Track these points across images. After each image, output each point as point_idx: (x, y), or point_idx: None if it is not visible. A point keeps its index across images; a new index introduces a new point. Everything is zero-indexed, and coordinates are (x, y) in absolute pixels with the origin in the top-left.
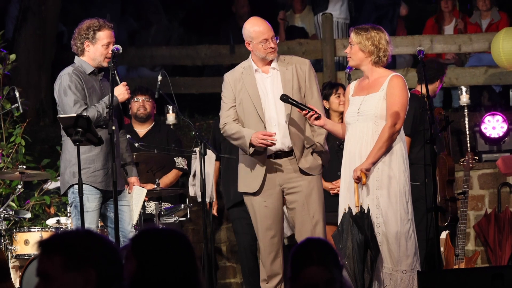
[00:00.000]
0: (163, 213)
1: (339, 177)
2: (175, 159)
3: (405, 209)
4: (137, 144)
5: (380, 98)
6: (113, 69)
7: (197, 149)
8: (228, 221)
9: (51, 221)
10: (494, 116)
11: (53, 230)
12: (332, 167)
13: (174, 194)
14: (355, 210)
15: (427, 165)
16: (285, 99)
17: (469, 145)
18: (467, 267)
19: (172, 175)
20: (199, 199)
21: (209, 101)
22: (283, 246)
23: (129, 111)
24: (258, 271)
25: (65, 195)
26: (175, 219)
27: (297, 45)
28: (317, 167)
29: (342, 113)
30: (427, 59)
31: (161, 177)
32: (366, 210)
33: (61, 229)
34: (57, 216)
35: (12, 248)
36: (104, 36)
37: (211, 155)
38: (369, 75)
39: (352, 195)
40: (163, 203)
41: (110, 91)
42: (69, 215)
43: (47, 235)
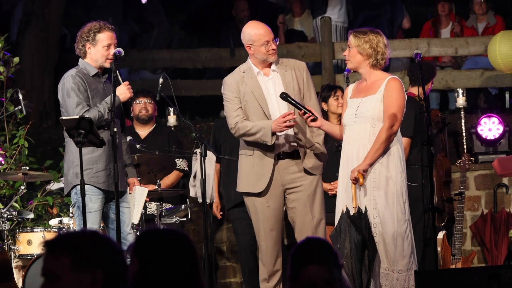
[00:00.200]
0: (164, 214)
1: (338, 178)
2: (176, 160)
3: (402, 209)
4: (138, 145)
5: (377, 100)
6: (115, 71)
7: (198, 151)
8: (228, 221)
9: (53, 222)
10: (490, 118)
11: (56, 230)
12: (330, 168)
13: (175, 194)
14: (352, 210)
15: (424, 166)
16: (284, 97)
17: (465, 146)
18: (463, 267)
19: (173, 176)
20: (200, 200)
21: (210, 103)
22: (282, 245)
23: (131, 113)
24: (257, 271)
25: (69, 195)
26: (176, 219)
27: (296, 48)
28: (319, 167)
29: (340, 115)
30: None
31: (162, 178)
32: (363, 210)
33: (64, 230)
34: (60, 216)
35: (15, 248)
36: (104, 37)
37: (211, 157)
38: (367, 77)
39: (349, 195)
40: (164, 204)
41: (115, 93)
42: (71, 215)
43: (51, 236)
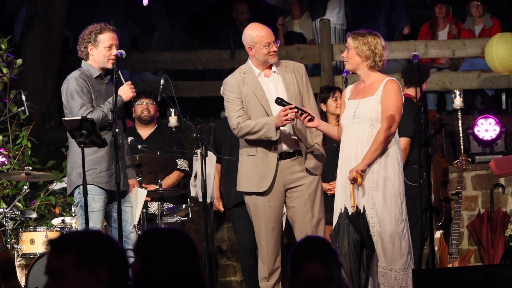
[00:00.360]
0: (165, 213)
1: (336, 178)
2: (177, 160)
3: (399, 209)
4: (140, 146)
5: (375, 101)
6: (116, 73)
7: (198, 151)
8: (228, 221)
9: (56, 221)
10: (487, 119)
11: (58, 229)
12: (329, 168)
13: (176, 194)
14: (351, 210)
15: (422, 166)
16: (279, 102)
17: (462, 147)
18: (460, 265)
19: (174, 176)
20: (200, 199)
21: (210, 104)
22: (282, 244)
23: (132, 113)
24: (257, 270)
25: (72, 195)
26: (177, 219)
27: (296, 50)
28: (319, 167)
29: (339, 116)
30: (409, 64)
31: (163, 178)
32: (361, 210)
33: (66, 229)
34: (62, 216)
35: (18, 247)
36: (105, 38)
37: (212, 157)
38: (365, 79)
39: (347, 195)
40: (165, 203)
41: (117, 94)
42: (74, 215)
43: (54, 235)
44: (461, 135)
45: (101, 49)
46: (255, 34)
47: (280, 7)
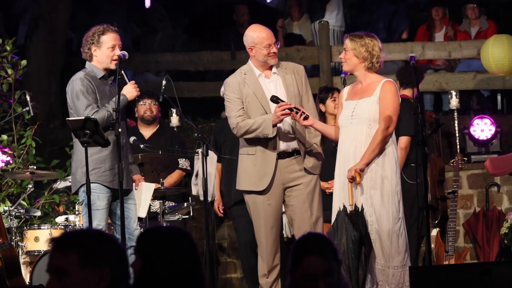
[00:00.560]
0: (167, 211)
1: (334, 177)
2: (178, 160)
3: (396, 208)
4: (142, 145)
5: (373, 102)
6: (119, 73)
7: (200, 150)
8: (229, 219)
9: (60, 219)
10: (482, 119)
11: (62, 227)
12: (327, 167)
13: (177, 193)
14: (349, 208)
15: (419, 165)
16: (275, 100)
17: (458, 146)
18: (456, 263)
19: (175, 175)
20: (201, 198)
21: (211, 105)
22: (282, 241)
23: (135, 113)
24: (257, 267)
25: (76, 193)
26: (179, 217)
27: (295, 51)
28: (318, 167)
29: None
30: (405, 65)
31: (165, 177)
32: (360, 208)
33: (70, 227)
34: (66, 214)
35: (22, 244)
36: (108, 39)
37: (212, 156)
38: (362, 80)
39: (346, 194)
40: (167, 202)
41: (119, 94)
42: (77, 213)
43: (58, 232)
44: (457, 135)
45: (105, 50)
46: (256, 35)
47: (279, 9)
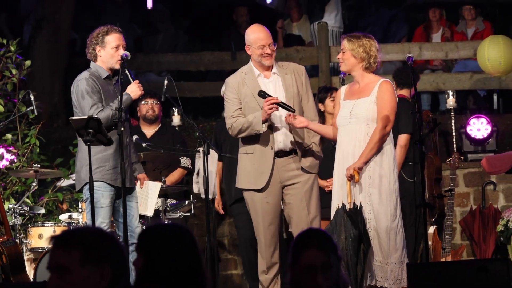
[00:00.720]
0: (168, 209)
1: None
2: (180, 158)
3: (394, 205)
4: (144, 144)
5: (371, 102)
6: (121, 73)
7: (201, 149)
8: (229, 216)
9: (63, 217)
10: (478, 118)
11: (66, 225)
12: (326, 166)
13: (179, 191)
14: (347, 206)
15: (416, 163)
16: (262, 95)
17: (455, 145)
18: (453, 260)
19: (177, 173)
20: (203, 196)
21: (212, 104)
22: (282, 239)
23: (137, 113)
24: (257, 263)
25: (80, 191)
26: (180, 214)
27: (294, 52)
28: (315, 166)
29: None
30: (402, 67)
31: (167, 175)
32: (358, 206)
33: (73, 224)
34: (70, 211)
35: (27, 241)
36: (112, 39)
37: (213, 155)
38: (359, 80)
39: (345, 192)
40: (168, 200)
41: (122, 93)
42: (80, 210)
43: (60, 230)
44: (454, 134)
45: (109, 50)
46: (253, 35)
47: (279, 10)
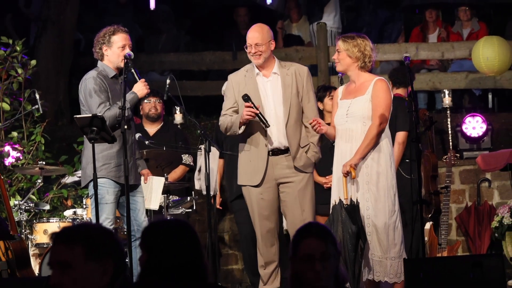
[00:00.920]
0: (171, 205)
1: (332, 172)
2: (182, 155)
3: (392, 201)
4: (147, 142)
5: (366, 100)
6: (125, 73)
7: (202, 147)
8: (230, 212)
9: (68, 213)
10: (474, 117)
11: (70, 220)
12: (325, 163)
13: (181, 187)
14: (344, 202)
15: (413, 161)
16: (246, 99)
17: (451, 143)
18: (449, 255)
19: (179, 171)
20: (204, 192)
21: (214, 103)
22: (282, 234)
23: (140, 111)
24: (257, 258)
25: (86, 187)
26: (182, 210)
27: (294, 51)
28: (310, 165)
29: None
30: (398, 67)
31: (169, 172)
32: (355, 202)
33: (78, 220)
34: (74, 208)
35: (32, 237)
36: (118, 39)
37: (215, 152)
38: (355, 79)
39: (342, 188)
40: (171, 196)
41: (128, 92)
42: (85, 207)
43: (64, 225)
44: (449, 132)
45: (115, 50)
46: (248, 35)
47: (279, 11)
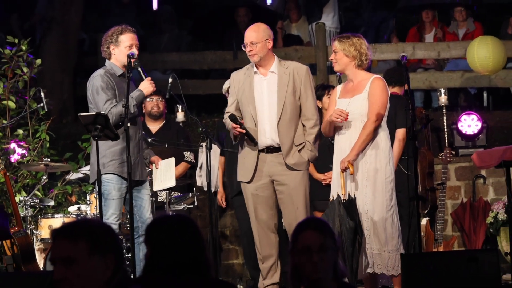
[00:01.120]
0: (173, 201)
1: (331, 169)
2: (184, 153)
3: (390, 196)
4: (150, 139)
5: (364, 98)
6: (129, 71)
7: (204, 144)
8: (231, 208)
9: (72, 208)
10: (469, 115)
11: (74, 216)
12: (324, 160)
13: (183, 184)
14: (342, 197)
15: (410, 158)
16: (233, 119)
17: (447, 141)
18: (445, 250)
19: (181, 167)
20: (205, 189)
21: (215, 101)
22: (281, 229)
23: (143, 109)
24: None
25: (93, 183)
26: (184, 206)
27: (293, 51)
28: (303, 164)
29: None
30: (393, 67)
31: None
32: (353, 197)
33: (82, 216)
34: (78, 204)
35: (37, 232)
36: (126, 39)
37: (216, 149)
38: (353, 78)
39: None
40: (173, 192)
41: (134, 90)
42: (88, 202)
43: (69, 220)
44: (445, 130)
45: (122, 49)
46: (245, 34)
47: (279, 11)
